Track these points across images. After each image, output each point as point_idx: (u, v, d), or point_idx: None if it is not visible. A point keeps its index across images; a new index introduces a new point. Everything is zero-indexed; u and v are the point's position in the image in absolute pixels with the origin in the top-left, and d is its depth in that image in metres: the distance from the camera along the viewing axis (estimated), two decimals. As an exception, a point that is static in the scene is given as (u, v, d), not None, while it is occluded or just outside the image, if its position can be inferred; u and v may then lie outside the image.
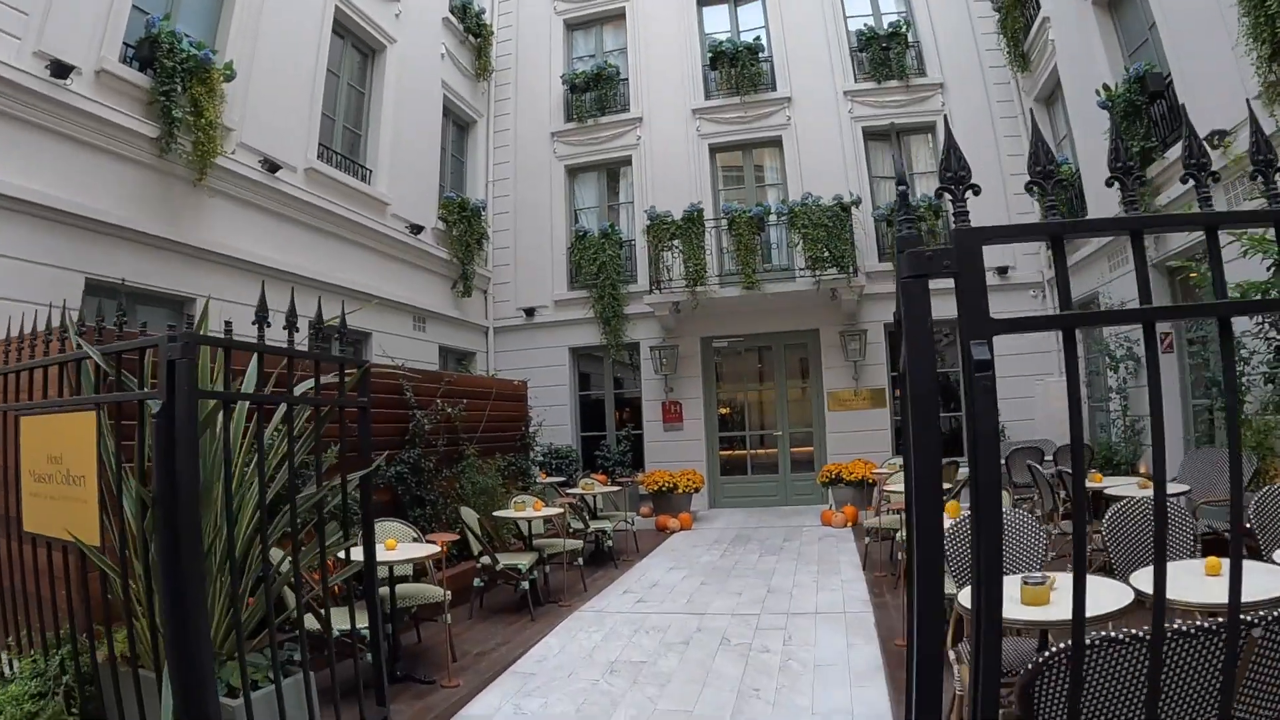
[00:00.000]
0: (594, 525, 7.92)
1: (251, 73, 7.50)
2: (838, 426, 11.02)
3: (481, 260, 12.41)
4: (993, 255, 10.71)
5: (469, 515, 6.06)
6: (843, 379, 11.03)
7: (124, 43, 6.28)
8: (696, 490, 10.48)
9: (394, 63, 10.28)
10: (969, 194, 1.38)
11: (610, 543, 7.99)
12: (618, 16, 13.21)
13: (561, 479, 10.72)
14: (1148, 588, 2.20)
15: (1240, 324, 5.31)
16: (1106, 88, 7.89)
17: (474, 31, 12.74)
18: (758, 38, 11.95)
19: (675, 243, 10.62)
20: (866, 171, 11.27)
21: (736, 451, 11.76)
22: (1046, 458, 8.51)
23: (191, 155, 6.59)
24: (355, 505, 3.63)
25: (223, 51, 7.18)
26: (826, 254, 9.97)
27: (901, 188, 1.58)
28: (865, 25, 11.63)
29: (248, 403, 3.38)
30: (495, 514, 6.84)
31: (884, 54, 11.42)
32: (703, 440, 11.46)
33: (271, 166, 7.77)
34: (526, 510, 6.57)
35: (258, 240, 7.68)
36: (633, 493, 11.07)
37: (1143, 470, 7.42)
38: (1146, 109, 7.54)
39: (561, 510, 6.89)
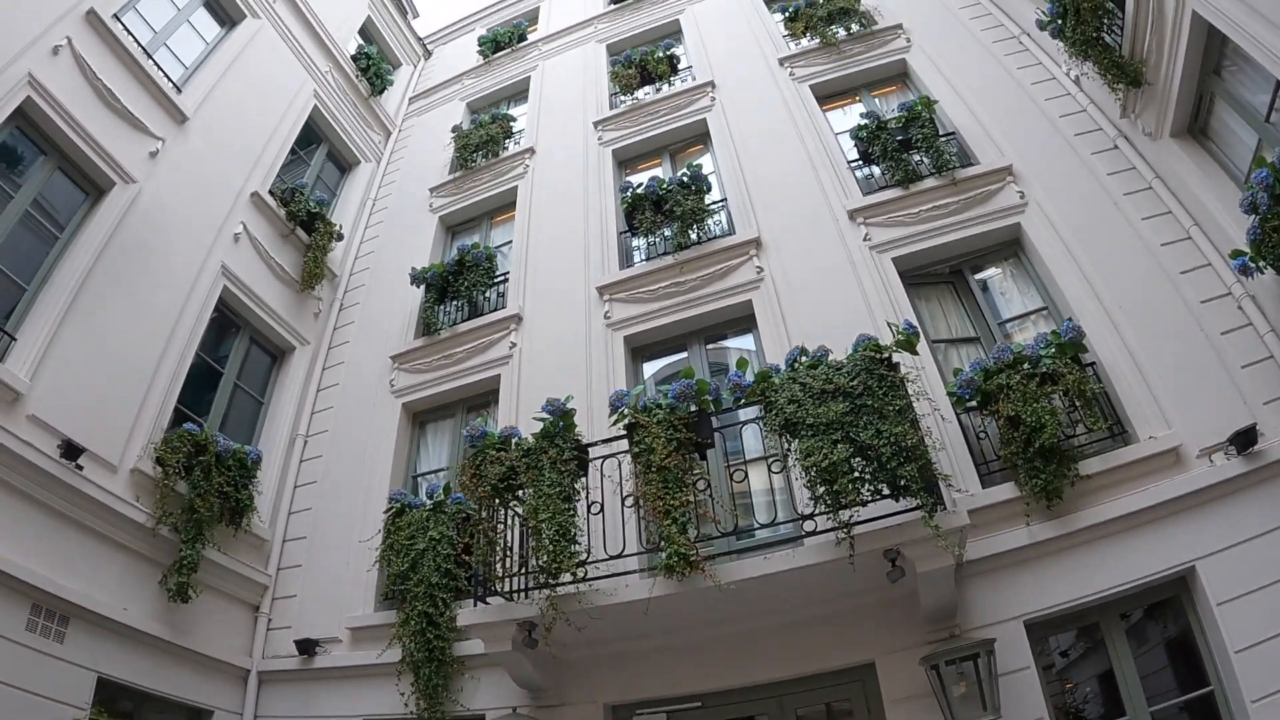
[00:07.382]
0: None
1: None
2: None
3: (255, 552, 6.82)
4: (1197, 405, 4.62)
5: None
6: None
7: None
8: None
9: (120, 208, 6.52)
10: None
11: None
12: (506, 208, 9.28)
13: None
14: None
15: None
16: None
17: (303, 223, 8.66)
18: (698, 169, 7.54)
19: (517, 494, 4.92)
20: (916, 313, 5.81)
21: None
22: None
23: None
24: None
25: None
26: (857, 466, 4.08)
27: None
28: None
29: None
30: None
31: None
32: None
33: None
34: None
35: None
36: None
37: None
38: None
39: None
